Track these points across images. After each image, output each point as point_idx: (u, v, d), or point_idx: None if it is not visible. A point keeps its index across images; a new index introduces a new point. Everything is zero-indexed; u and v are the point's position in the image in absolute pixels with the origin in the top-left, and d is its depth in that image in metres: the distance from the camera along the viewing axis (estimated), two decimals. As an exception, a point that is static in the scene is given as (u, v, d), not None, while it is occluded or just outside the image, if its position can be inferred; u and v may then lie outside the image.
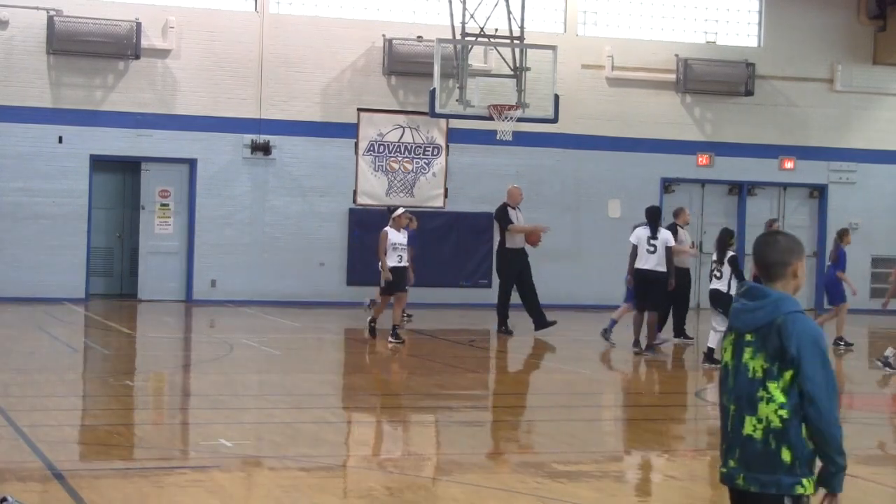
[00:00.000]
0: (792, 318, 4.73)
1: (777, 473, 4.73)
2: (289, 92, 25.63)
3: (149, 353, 17.80)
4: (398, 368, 16.55)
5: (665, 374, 17.30)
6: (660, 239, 18.45)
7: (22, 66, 24.32)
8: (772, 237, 4.92)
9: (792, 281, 4.86)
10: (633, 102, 27.52)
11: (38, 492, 8.50)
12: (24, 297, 23.92)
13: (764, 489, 4.74)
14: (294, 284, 25.67)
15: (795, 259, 4.85)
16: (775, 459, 4.72)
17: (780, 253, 4.85)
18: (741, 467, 4.80)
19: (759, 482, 4.76)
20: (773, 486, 4.73)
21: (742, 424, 4.80)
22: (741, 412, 4.81)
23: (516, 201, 20.72)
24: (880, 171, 29.11)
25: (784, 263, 4.84)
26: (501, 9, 24.09)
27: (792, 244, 4.88)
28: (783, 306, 4.76)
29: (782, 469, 4.73)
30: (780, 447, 4.72)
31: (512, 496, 8.79)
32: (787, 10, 28.42)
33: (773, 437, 4.73)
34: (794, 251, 4.85)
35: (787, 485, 4.73)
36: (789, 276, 4.85)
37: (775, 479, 4.73)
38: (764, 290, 4.83)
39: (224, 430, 11.01)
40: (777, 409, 4.71)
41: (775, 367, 4.73)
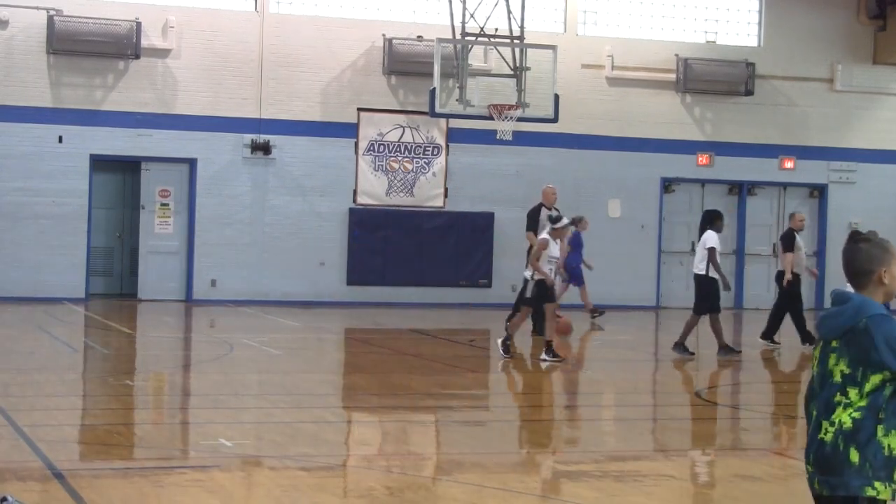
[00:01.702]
0: (876, 319, 4.67)
1: (844, 475, 4.68)
2: (289, 92, 25.63)
3: (149, 353, 17.80)
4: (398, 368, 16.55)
5: (666, 374, 17.30)
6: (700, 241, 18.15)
7: (22, 66, 24.32)
8: (854, 245, 4.86)
9: (880, 287, 4.80)
10: (633, 102, 27.52)
11: (38, 492, 8.50)
12: (24, 297, 23.92)
13: (834, 492, 4.71)
14: (294, 284, 25.67)
15: (879, 266, 4.79)
16: (843, 460, 4.68)
17: (862, 262, 4.82)
18: (816, 471, 4.78)
19: (829, 485, 4.73)
20: (842, 488, 4.69)
21: (819, 429, 4.77)
22: (820, 417, 4.79)
23: (551, 202, 20.21)
24: (880, 171, 29.11)
25: (868, 272, 4.81)
26: (501, 9, 24.09)
27: (875, 251, 4.82)
28: (865, 310, 4.71)
29: (850, 470, 4.67)
30: (849, 448, 4.67)
31: (512, 496, 8.78)
32: (787, 10, 28.42)
33: (842, 437, 4.69)
34: (878, 258, 4.79)
35: (855, 486, 4.67)
36: (875, 283, 4.81)
37: (843, 480, 4.68)
38: (846, 294, 4.81)
39: (224, 430, 11.01)
40: (853, 411, 4.67)
41: (859, 372, 4.70)
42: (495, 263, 26.66)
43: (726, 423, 13.29)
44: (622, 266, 27.23)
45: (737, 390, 15.82)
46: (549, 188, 20.58)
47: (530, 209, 20.41)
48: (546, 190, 20.51)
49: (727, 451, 11.00)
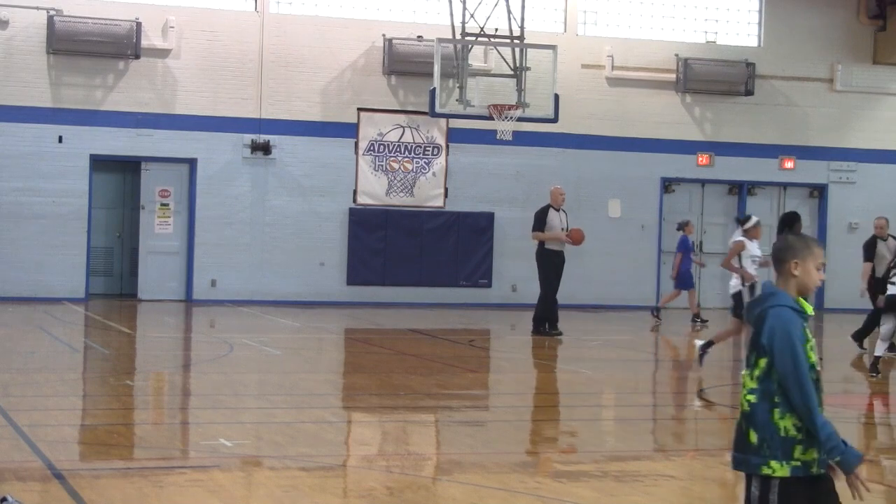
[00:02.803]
0: (773, 311, 5.03)
1: (747, 453, 5.08)
2: (289, 92, 25.63)
3: (149, 353, 17.80)
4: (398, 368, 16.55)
5: (665, 374, 17.30)
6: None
7: (22, 66, 24.32)
8: (780, 235, 5.40)
9: (792, 279, 5.14)
10: (633, 102, 27.53)
11: (38, 492, 8.50)
12: (24, 297, 23.93)
13: (738, 467, 5.14)
14: (294, 284, 25.67)
15: (792, 257, 5.14)
16: (744, 440, 5.08)
17: (780, 251, 5.20)
18: (733, 447, 5.22)
19: (736, 461, 5.16)
20: (744, 465, 5.10)
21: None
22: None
23: (558, 202, 20.19)
24: (880, 171, 29.12)
25: (782, 261, 5.17)
26: (501, 9, 24.09)
27: (796, 243, 5.17)
28: (771, 301, 5.08)
29: (750, 450, 5.06)
30: (749, 429, 5.06)
31: (512, 496, 8.78)
32: (787, 10, 28.42)
33: (743, 419, 5.09)
34: (794, 250, 5.14)
35: (754, 464, 5.06)
36: (787, 273, 5.15)
37: (745, 458, 5.09)
38: (766, 285, 5.20)
39: (224, 430, 11.01)
40: (747, 393, 5.07)
41: (752, 356, 5.10)
42: (495, 263, 26.67)
43: (726, 423, 13.29)
44: (622, 266, 27.24)
45: (737, 390, 15.80)
46: (557, 189, 20.54)
47: (538, 210, 20.41)
48: (554, 191, 20.49)
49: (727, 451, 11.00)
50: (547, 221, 20.11)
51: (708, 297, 28.29)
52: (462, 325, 23.21)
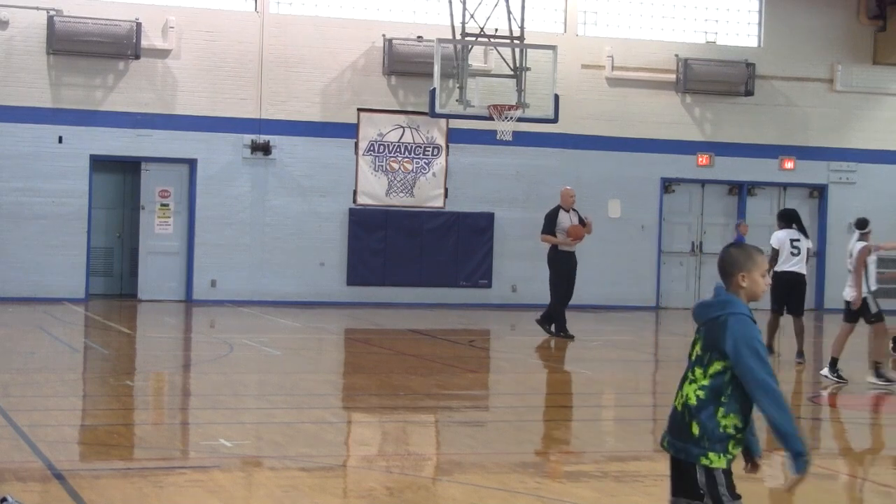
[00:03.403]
0: (734, 319, 5.36)
1: (687, 443, 5.40)
2: (289, 92, 25.64)
3: (149, 353, 17.80)
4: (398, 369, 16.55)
5: (665, 374, 17.30)
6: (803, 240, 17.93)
7: (22, 66, 24.33)
8: (725, 249, 5.59)
9: (741, 289, 5.48)
10: (633, 102, 27.53)
11: (38, 492, 8.50)
12: (24, 297, 23.93)
13: (677, 454, 5.46)
14: (294, 284, 25.67)
15: (738, 269, 5.49)
16: (686, 430, 5.40)
17: (726, 264, 5.54)
18: (668, 432, 5.53)
19: (675, 448, 5.47)
20: (683, 453, 5.42)
21: (676, 397, 5.52)
22: (679, 387, 5.54)
23: (568, 203, 20.03)
24: (880, 171, 29.12)
25: (729, 274, 5.51)
26: (501, 9, 24.10)
27: (739, 256, 5.51)
28: (728, 307, 5.42)
29: (691, 440, 5.38)
30: (692, 421, 5.38)
31: (512, 496, 8.78)
32: (787, 10, 28.43)
33: (687, 411, 5.40)
34: (739, 263, 5.49)
35: (694, 454, 5.38)
36: (736, 284, 5.49)
37: (685, 447, 5.41)
38: (720, 290, 5.53)
39: (224, 430, 11.00)
40: (697, 389, 5.37)
41: (707, 356, 5.40)
42: (495, 264, 26.67)
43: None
44: (622, 266, 27.24)
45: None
46: (567, 190, 20.36)
47: (548, 212, 20.27)
48: (564, 192, 20.33)
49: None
50: (557, 223, 19.97)
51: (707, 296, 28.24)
52: (462, 326, 23.21)
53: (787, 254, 17.54)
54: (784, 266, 17.60)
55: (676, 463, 5.53)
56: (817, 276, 28.70)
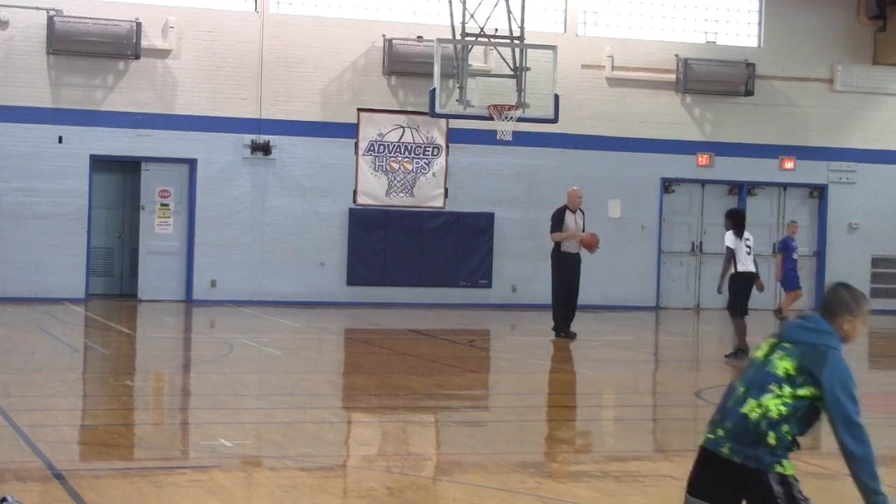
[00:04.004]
0: (835, 355, 5.39)
1: (759, 451, 5.37)
2: (289, 92, 25.64)
3: (149, 353, 17.80)
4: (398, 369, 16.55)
5: (665, 374, 17.30)
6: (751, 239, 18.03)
7: (22, 66, 24.33)
8: (836, 287, 5.59)
9: (839, 331, 5.48)
10: (633, 102, 27.52)
11: (38, 492, 8.50)
12: (24, 297, 23.93)
13: (745, 462, 5.38)
14: (294, 284, 25.67)
15: (845, 313, 5.50)
16: (761, 439, 5.37)
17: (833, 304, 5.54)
18: (730, 439, 5.42)
19: (744, 455, 5.38)
20: (754, 461, 5.36)
21: (743, 404, 5.43)
22: (748, 395, 5.44)
23: (575, 204, 19.94)
24: (880, 171, 29.12)
25: (834, 314, 5.51)
26: (501, 9, 24.10)
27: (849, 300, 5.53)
28: (828, 341, 5.44)
29: (766, 449, 5.36)
30: (769, 431, 5.37)
31: (512, 496, 8.78)
32: (787, 10, 28.42)
33: (766, 421, 5.37)
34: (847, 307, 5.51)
35: (767, 462, 5.37)
36: (837, 325, 5.50)
37: (757, 455, 5.37)
38: (821, 320, 5.51)
39: (224, 430, 11.00)
40: (781, 404, 5.37)
41: (800, 378, 5.40)
42: (495, 264, 26.67)
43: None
44: (622, 266, 27.22)
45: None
46: (575, 191, 20.26)
47: (554, 212, 20.18)
48: (571, 192, 20.24)
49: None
50: (564, 223, 19.89)
51: (708, 297, 28.31)
52: (462, 326, 23.21)
53: (744, 254, 17.66)
54: (745, 267, 17.73)
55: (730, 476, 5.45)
56: (817, 276, 28.70)
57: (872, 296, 28.27)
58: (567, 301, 19.86)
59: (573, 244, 19.83)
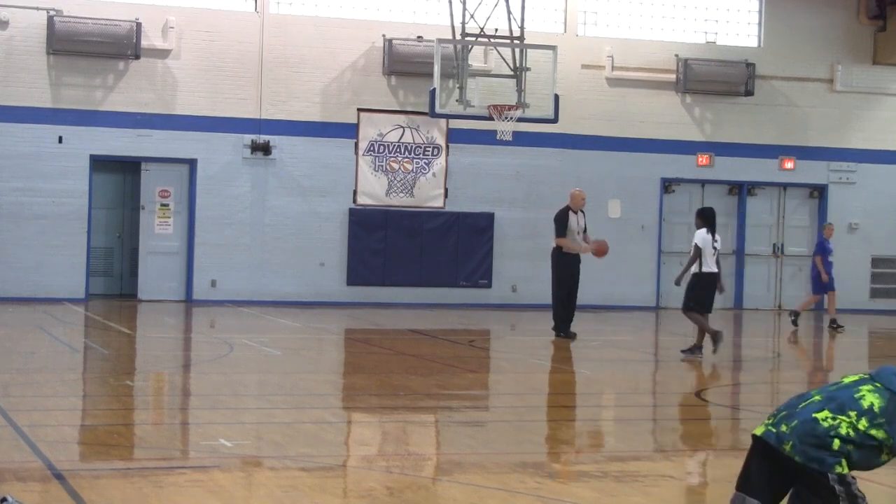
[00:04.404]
0: None
1: (824, 453, 5.45)
2: (289, 92, 25.64)
3: (149, 353, 17.80)
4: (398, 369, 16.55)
5: (665, 374, 17.30)
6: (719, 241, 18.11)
7: (22, 66, 24.33)
8: None
9: None
10: (633, 102, 27.53)
11: (38, 492, 8.49)
12: (24, 297, 23.93)
13: (808, 462, 5.46)
14: (294, 284, 25.67)
15: None
16: (828, 444, 5.45)
17: None
18: (794, 437, 5.50)
19: (807, 456, 5.47)
20: (817, 463, 5.45)
21: (817, 411, 5.52)
22: (825, 405, 5.54)
23: (578, 205, 19.95)
24: (880, 171, 29.12)
25: None
26: (501, 9, 24.10)
27: None
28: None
29: (830, 452, 5.45)
30: (835, 439, 5.45)
31: (512, 496, 8.78)
32: (787, 10, 28.42)
33: (834, 432, 5.46)
34: None
35: (829, 463, 5.45)
36: None
37: (820, 456, 5.45)
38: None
39: (224, 430, 11.00)
40: (850, 428, 5.47)
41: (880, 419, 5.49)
42: (495, 264, 26.67)
43: (726, 423, 13.29)
44: (622, 266, 27.21)
45: (737, 390, 15.82)
46: (579, 192, 20.25)
47: (557, 213, 20.18)
48: (574, 193, 20.24)
49: (727, 452, 11.00)
50: (568, 224, 19.90)
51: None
52: (462, 326, 23.21)
53: (710, 254, 17.70)
54: (709, 267, 17.80)
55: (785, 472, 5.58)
56: (817, 276, 28.69)
57: (872, 296, 28.32)
58: (567, 301, 19.89)
59: None
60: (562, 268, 19.87)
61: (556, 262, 20.00)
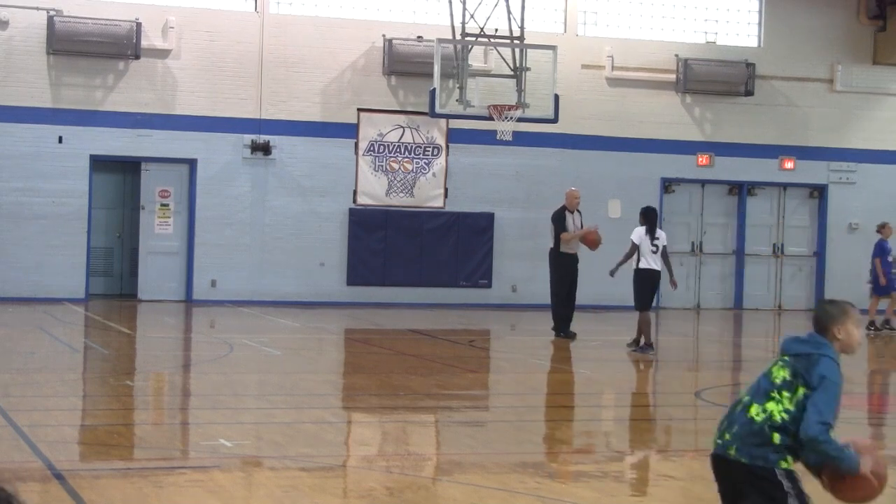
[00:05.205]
0: (825, 361, 5.80)
1: (766, 450, 5.73)
2: (289, 92, 25.63)
3: (149, 353, 17.80)
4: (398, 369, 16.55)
5: (665, 374, 17.30)
6: (661, 238, 18.62)
7: (22, 66, 24.32)
8: (820, 305, 6.06)
9: (836, 341, 5.90)
10: (633, 102, 27.52)
11: (38, 492, 8.50)
12: (24, 297, 23.93)
13: (753, 461, 5.74)
14: (294, 284, 25.67)
15: (833, 324, 5.92)
16: (767, 440, 5.74)
17: (821, 319, 5.96)
18: (736, 441, 5.79)
19: (751, 455, 5.75)
20: (761, 460, 5.73)
21: (748, 409, 5.82)
22: (753, 400, 5.85)
23: (573, 204, 20.04)
24: (880, 171, 29.11)
25: (825, 328, 5.93)
26: (501, 9, 24.10)
27: (833, 311, 5.96)
28: (823, 350, 5.86)
29: (771, 447, 5.73)
30: (773, 433, 5.75)
31: (512, 496, 8.78)
32: (787, 10, 28.42)
33: (769, 425, 5.75)
34: (834, 317, 5.93)
35: (773, 460, 5.74)
36: (832, 337, 5.91)
37: (764, 453, 5.73)
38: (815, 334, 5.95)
39: (224, 430, 11.00)
40: (782, 411, 5.77)
41: (795, 381, 5.81)
42: (495, 264, 26.67)
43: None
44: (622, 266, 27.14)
45: (737, 391, 15.83)
46: (573, 192, 20.36)
47: (555, 213, 20.23)
48: (569, 193, 20.34)
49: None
50: (566, 224, 19.96)
51: (708, 297, 28.34)
52: (462, 326, 23.21)
53: (648, 251, 18.17)
54: (647, 264, 18.54)
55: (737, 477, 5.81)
56: (817, 277, 28.71)
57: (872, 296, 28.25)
58: (566, 301, 19.94)
59: (572, 244, 19.95)
60: (560, 268, 19.94)
61: (555, 263, 20.06)
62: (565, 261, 19.96)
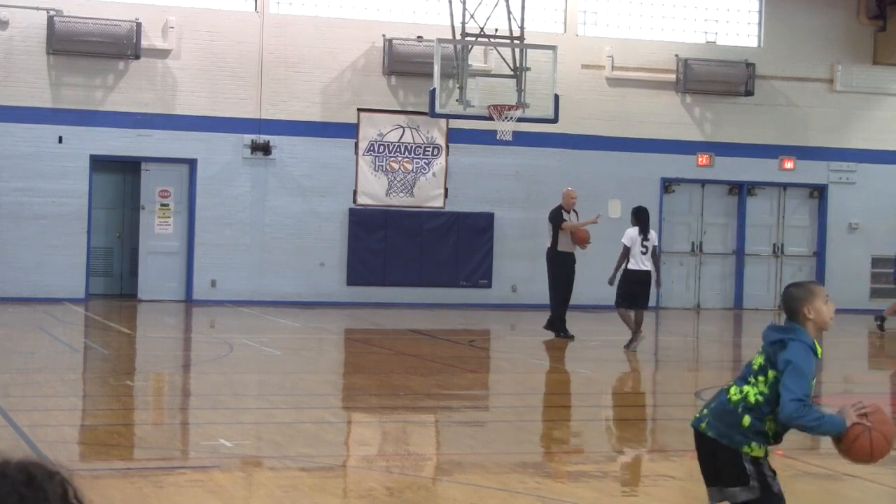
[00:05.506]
0: (794, 343, 5.96)
1: (733, 430, 5.96)
2: (289, 92, 25.64)
3: (149, 353, 17.80)
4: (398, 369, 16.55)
5: (665, 374, 17.30)
6: (652, 238, 18.66)
7: (22, 66, 24.33)
8: (785, 290, 6.22)
9: (808, 322, 6.04)
10: (633, 102, 27.52)
11: (38, 492, 8.47)
12: (24, 297, 23.92)
13: (720, 438, 5.98)
14: (294, 284, 25.67)
15: (801, 304, 6.06)
16: (737, 421, 5.95)
17: (789, 303, 6.12)
18: (711, 416, 6.04)
19: (719, 432, 5.99)
20: (727, 439, 5.97)
21: (728, 390, 6.06)
22: (733, 383, 6.10)
23: (569, 204, 20.12)
24: (880, 171, 29.11)
25: (795, 310, 6.08)
26: (501, 9, 24.10)
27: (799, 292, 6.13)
28: (795, 334, 6.02)
29: (739, 430, 5.95)
30: (745, 415, 5.95)
31: (512, 496, 8.78)
32: (787, 10, 28.42)
33: (742, 406, 5.96)
34: (801, 298, 6.08)
35: (738, 442, 5.96)
36: (803, 318, 6.06)
37: (730, 433, 5.96)
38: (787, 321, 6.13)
39: (224, 430, 11.01)
40: (757, 394, 5.96)
41: (768, 365, 6.02)
42: (495, 264, 26.67)
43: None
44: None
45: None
46: (569, 191, 20.45)
47: (552, 212, 20.29)
48: (565, 193, 20.41)
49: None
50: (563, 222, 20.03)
51: (708, 297, 28.33)
52: (462, 326, 23.21)
53: (638, 252, 18.25)
54: (635, 265, 18.64)
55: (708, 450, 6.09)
56: (816, 277, 28.70)
57: (872, 296, 28.30)
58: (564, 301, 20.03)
59: (569, 244, 20.01)
60: (558, 267, 20.01)
61: (553, 262, 20.12)
62: (563, 260, 20.01)
